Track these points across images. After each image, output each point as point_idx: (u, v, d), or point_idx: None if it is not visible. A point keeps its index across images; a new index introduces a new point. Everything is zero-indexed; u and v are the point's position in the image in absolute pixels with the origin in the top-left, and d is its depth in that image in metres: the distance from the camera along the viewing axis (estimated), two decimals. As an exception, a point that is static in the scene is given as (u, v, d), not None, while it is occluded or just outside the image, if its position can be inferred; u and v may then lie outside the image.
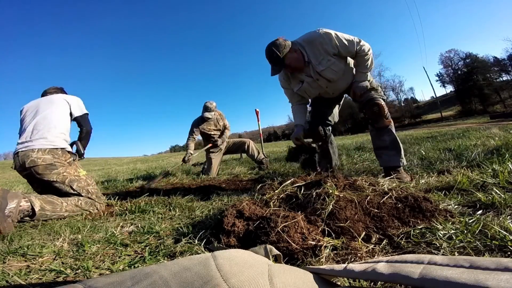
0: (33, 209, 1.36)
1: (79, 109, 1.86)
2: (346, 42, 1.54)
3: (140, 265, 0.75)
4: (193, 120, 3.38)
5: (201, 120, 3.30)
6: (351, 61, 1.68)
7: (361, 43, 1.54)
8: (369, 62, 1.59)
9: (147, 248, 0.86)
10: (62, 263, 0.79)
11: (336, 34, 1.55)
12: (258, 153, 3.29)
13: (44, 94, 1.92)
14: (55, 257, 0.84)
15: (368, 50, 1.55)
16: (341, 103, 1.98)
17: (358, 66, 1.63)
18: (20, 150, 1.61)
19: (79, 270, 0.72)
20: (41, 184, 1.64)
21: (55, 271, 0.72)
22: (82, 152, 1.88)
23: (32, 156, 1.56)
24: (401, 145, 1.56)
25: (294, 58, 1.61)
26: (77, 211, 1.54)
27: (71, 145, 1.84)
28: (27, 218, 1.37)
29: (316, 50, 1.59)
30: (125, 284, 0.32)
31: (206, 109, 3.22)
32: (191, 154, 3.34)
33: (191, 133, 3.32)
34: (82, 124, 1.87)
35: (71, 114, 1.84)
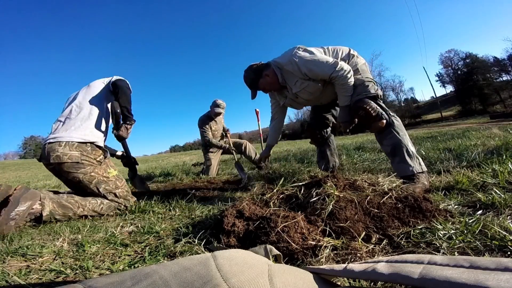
0: (41, 213, 1.27)
1: (113, 78, 1.63)
2: (317, 70, 1.45)
3: (140, 265, 0.75)
4: (197, 119, 3.34)
5: (209, 117, 3.27)
6: None
7: (337, 69, 1.40)
8: (349, 88, 1.44)
9: (147, 248, 0.86)
10: (62, 263, 0.79)
11: (307, 60, 1.46)
12: (256, 154, 3.30)
13: None
14: (55, 257, 0.84)
15: (346, 78, 1.41)
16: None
17: (337, 91, 1.48)
18: (48, 141, 1.45)
19: (79, 270, 0.72)
20: (66, 179, 1.50)
21: (55, 271, 0.72)
22: (125, 113, 1.55)
23: (58, 151, 1.40)
24: (408, 148, 1.33)
25: (267, 83, 1.64)
26: (94, 215, 1.42)
27: (111, 109, 1.58)
28: (33, 221, 1.28)
29: (288, 74, 1.57)
30: (125, 284, 0.32)
31: (218, 105, 3.19)
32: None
33: (205, 129, 3.22)
34: (116, 83, 1.58)
35: (111, 98, 1.60)
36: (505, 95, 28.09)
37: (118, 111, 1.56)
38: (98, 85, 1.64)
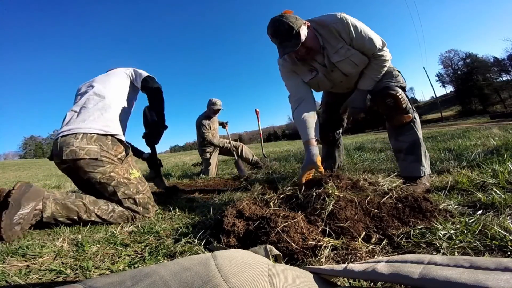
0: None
1: (141, 76, 1.46)
2: (365, 38, 1.23)
3: (140, 265, 0.75)
4: (195, 119, 3.36)
5: (208, 117, 3.29)
6: None
7: (384, 49, 1.27)
8: (380, 73, 1.32)
9: (147, 248, 0.86)
10: (62, 263, 0.79)
11: (357, 25, 1.22)
12: (252, 156, 3.31)
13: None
14: (55, 257, 0.84)
15: (385, 61, 1.29)
16: None
17: (367, 71, 1.33)
18: (61, 134, 1.24)
19: (79, 270, 0.72)
20: (80, 180, 1.30)
21: (55, 271, 0.72)
22: (160, 118, 1.40)
23: (73, 144, 1.19)
24: (424, 148, 1.27)
25: (310, 36, 1.25)
26: (99, 222, 1.21)
27: (144, 114, 1.42)
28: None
29: (332, 36, 1.26)
30: (125, 284, 0.32)
31: (215, 103, 3.21)
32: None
33: (205, 129, 3.22)
34: (148, 84, 1.42)
35: (133, 91, 1.46)
36: (505, 95, 28.11)
37: (154, 117, 1.40)
38: (120, 75, 1.47)
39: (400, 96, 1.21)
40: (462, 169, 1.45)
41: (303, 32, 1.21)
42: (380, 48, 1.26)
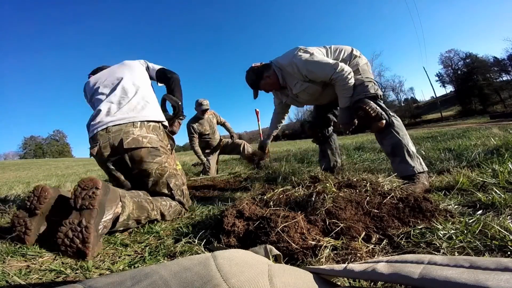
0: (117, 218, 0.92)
1: (154, 67, 1.46)
2: (315, 72, 1.46)
3: (140, 265, 0.75)
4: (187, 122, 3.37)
5: (198, 118, 3.31)
6: None
7: (337, 70, 1.39)
8: (349, 90, 1.43)
9: (147, 248, 0.86)
10: (62, 263, 0.79)
11: (307, 61, 1.45)
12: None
13: (99, 70, 1.46)
14: (55, 257, 0.83)
15: (346, 79, 1.40)
16: None
17: (337, 93, 1.48)
18: (110, 123, 1.12)
19: (79, 270, 0.72)
20: (129, 173, 1.18)
21: (55, 271, 0.72)
22: (180, 107, 1.35)
23: (134, 133, 1.10)
24: (408, 147, 1.32)
25: (268, 84, 1.67)
26: (157, 219, 1.08)
27: (162, 102, 1.37)
28: None
29: (289, 75, 1.59)
30: (125, 284, 0.32)
31: (201, 103, 3.22)
32: (208, 162, 3.16)
33: (192, 132, 3.25)
34: (167, 73, 1.40)
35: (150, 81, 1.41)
36: (505, 95, 28.10)
37: (178, 101, 1.36)
38: (137, 66, 1.42)
39: (367, 107, 1.32)
40: (462, 169, 1.45)
41: (263, 85, 1.68)
42: (333, 72, 1.40)
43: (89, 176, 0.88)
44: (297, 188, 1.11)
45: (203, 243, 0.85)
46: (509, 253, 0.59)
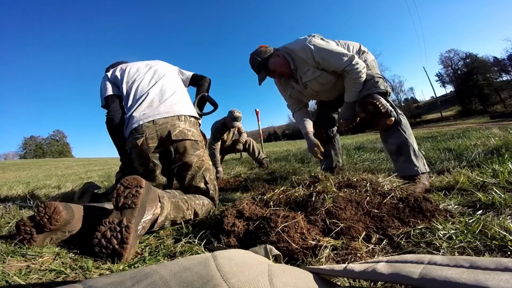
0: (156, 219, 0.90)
1: (187, 73, 1.54)
2: (330, 60, 1.38)
3: (140, 265, 0.74)
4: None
5: (225, 126, 3.09)
6: None
7: (353, 63, 1.34)
8: (360, 84, 1.39)
9: (147, 248, 0.86)
10: (62, 263, 0.79)
11: (323, 48, 1.38)
12: (259, 152, 3.27)
13: (117, 65, 1.51)
14: (55, 257, 0.83)
15: (360, 73, 1.35)
16: None
17: (347, 86, 1.43)
18: (157, 116, 1.15)
19: (79, 270, 0.72)
20: (168, 166, 1.19)
21: (55, 271, 0.72)
22: (214, 108, 1.50)
23: (179, 126, 1.14)
24: (414, 147, 1.30)
25: (278, 63, 1.50)
26: (190, 219, 1.06)
27: (200, 101, 1.45)
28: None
29: (300, 61, 1.47)
30: (125, 284, 0.32)
31: (235, 118, 2.98)
32: (221, 170, 2.92)
33: (218, 138, 3.03)
34: (200, 77, 1.50)
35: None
36: (505, 95, 28.10)
37: (214, 104, 1.49)
38: (168, 67, 1.48)
39: (377, 103, 1.28)
40: (462, 169, 1.45)
41: (272, 63, 1.50)
42: (349, 63, 1.34)
43: (132, 175, 0.86)
44: (297, 188, 1.11)
45: (203, 243, 0.85)
46: (509, 253, 0.59)
